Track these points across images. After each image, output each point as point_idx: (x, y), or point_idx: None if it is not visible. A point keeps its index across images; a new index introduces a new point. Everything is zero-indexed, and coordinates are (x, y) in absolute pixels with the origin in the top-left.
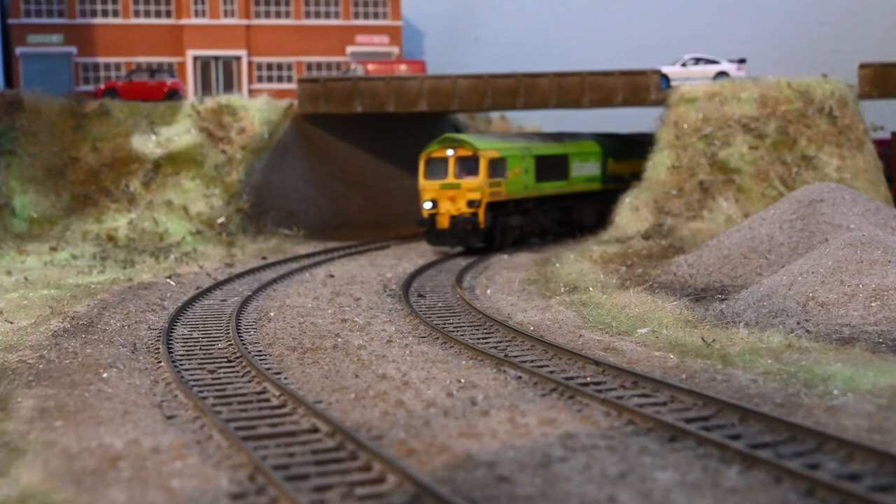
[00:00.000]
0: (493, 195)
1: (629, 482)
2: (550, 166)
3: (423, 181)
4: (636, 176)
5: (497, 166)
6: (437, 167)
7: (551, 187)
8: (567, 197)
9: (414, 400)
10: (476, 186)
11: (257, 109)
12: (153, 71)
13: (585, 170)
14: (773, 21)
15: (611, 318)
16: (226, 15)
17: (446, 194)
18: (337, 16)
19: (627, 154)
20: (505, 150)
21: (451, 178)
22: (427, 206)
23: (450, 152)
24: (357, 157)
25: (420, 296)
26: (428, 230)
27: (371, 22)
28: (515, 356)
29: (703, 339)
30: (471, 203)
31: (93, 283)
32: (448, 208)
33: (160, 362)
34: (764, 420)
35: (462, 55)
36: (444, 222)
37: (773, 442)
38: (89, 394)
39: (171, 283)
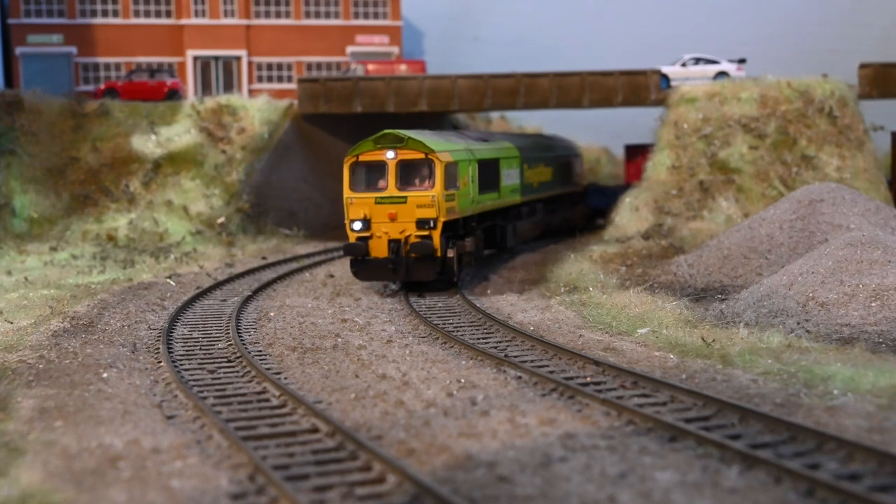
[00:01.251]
0: (448, 212)
1: (629, 482)
2: (488, 174)
3: (349, 192)
4: (545, 185)
5: (451, 174)
6: (370, 174)
7: (490, 201)
8: (496, 213)
9: (414, 400)
10: (430, 201)
11: (257, 109)
12: (153, 71)
13: (511, 178)
14: (773, 21)
15: (611, 318)
16: (226, 15)
17: (385, 211)
18: (337, 16)
19: (538, 160)
20: (456, 153)
21: (391, 190)
22: (356, 226)
23: (390, 154)
24: None
25: (420, 296)
26: (356, 260)
27: (371, 22)
28: (515, 356)
29: (703, 339)
30: (422, 223)
31: (93, 283)
32: (387, 230)
33: (160, 362)
34: (764, 420)
35: (462, 55)
36: (380, 249)
37: (773, 442)
38: (89, 394)
39: (171, 283)
